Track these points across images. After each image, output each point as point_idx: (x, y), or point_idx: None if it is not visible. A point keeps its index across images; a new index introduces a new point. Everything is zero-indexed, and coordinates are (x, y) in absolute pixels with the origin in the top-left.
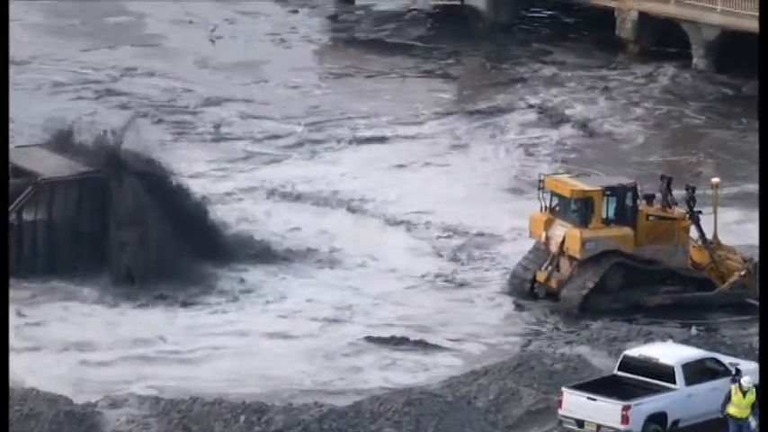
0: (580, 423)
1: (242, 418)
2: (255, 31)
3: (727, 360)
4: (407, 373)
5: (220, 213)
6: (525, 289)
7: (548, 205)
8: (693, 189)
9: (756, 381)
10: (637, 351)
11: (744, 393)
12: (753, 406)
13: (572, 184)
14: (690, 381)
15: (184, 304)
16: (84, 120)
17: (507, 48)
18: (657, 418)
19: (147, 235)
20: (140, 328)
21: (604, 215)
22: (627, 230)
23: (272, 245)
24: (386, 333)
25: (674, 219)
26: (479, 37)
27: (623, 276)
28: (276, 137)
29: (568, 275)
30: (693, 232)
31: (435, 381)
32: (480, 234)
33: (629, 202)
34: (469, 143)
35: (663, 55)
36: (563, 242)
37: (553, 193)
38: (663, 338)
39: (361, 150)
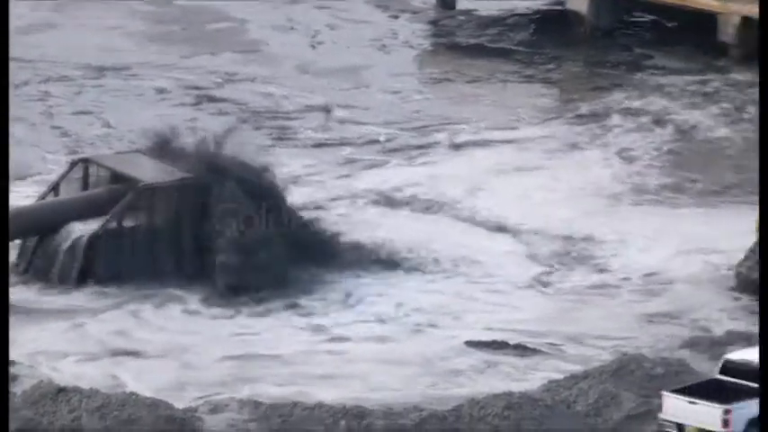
0: (680, 427)
1: (342, 422)
2: (356, 37)
3: None
4: (507, 377)
5: (320, 219)
6: (751, 285)
7: None
8: None
9: None
10: (738, 355)
11: None
12: None
13: None
14: None
15: (285, 309)
16: (184, 126)
17: (608, 52)
18: (759, 422)
19: (247, 240)
20: (241, 333)
21: None
22: None
23: (371, 250)
24: (486, 337)
25: None
26: (581, 42)
27: None
28: (376, 142)
29: None
30: None
31: (535, 385)
32: (581, 239)
33: None
34: (569, 148)
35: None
36: None
37: None
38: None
39: (461, 155)
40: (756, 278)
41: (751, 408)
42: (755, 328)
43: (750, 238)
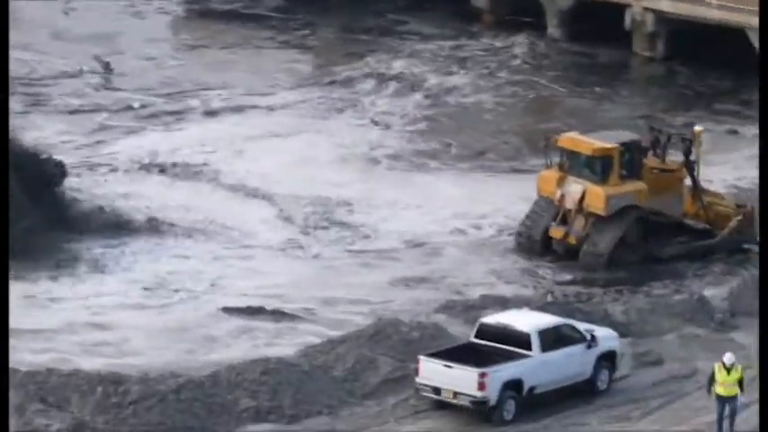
0: (437, 390)
1: (99, 389)
2: (110, 3)
3: (582, 326)
4: (264, 342)
5: (75, 185)
6: (535, 247)
7: (550, 163)
8: (691, 141)
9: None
10: (493, 318)
11: (728, 371)
12: (741, 383)
13: (591, 142)
14: (546, 347)
15: (40, 276)
16: None
17: (363, 18)
18: (514, 385)
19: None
20: None
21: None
22: (642, 185)
23: (127, 216)
24: (243, 303)
25: (673, 170)
26: (335, 8)
27: (642, 229)
28: (130, 108)
29: (587, 231)
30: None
31: (292, 350)
32: (335, 204)
33: (636, 156)
34: (325, 114)
35: (518, 24)
36: (581, 199)
37: (566, 151)
38: (518, 306)
39: (217, 121)
40: (537, 239)
41: (506, 371)
42: (525, 291)
43: (515, 201)
